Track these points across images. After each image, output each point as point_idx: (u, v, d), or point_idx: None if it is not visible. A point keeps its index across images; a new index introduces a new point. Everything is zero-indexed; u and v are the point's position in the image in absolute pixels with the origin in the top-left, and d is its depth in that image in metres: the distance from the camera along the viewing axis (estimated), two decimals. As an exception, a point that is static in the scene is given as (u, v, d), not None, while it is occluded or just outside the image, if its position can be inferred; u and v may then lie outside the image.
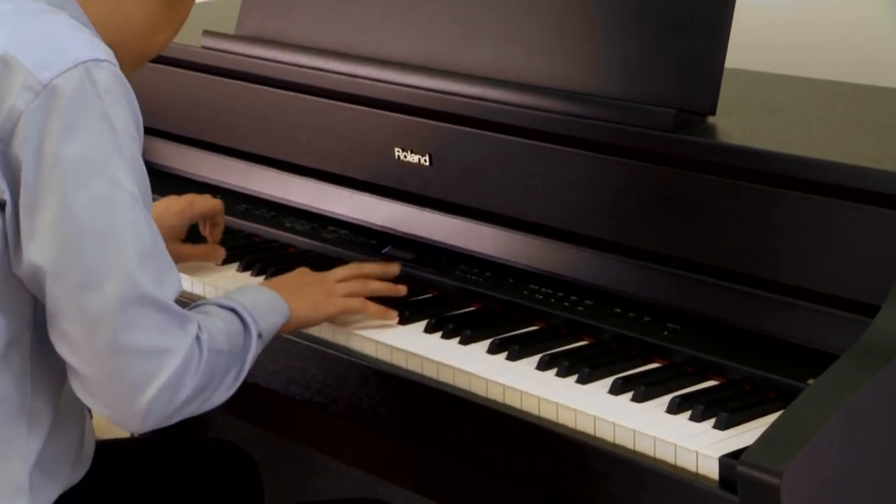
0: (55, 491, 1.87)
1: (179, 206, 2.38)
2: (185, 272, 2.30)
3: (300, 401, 2.21)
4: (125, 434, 3.72)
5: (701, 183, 1.99)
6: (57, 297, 1.73)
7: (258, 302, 1.95)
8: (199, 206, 2.39)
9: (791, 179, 1.89)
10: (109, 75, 1.75)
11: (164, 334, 1.75)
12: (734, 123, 2.04)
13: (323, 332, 2.17)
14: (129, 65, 1.91)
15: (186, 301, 1.95)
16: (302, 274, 2.14)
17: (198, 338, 1.79)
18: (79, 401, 1.85)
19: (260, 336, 1.93)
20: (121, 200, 1.73)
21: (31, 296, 1.79)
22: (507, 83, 2.21)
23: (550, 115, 2.14)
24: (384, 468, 2.67)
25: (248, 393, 2.31)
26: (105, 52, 1.77)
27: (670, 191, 2.02)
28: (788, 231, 1.91)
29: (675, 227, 2.03)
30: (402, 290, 2.18)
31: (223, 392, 1.87)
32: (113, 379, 1.74)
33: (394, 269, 2.23)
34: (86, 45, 1.75)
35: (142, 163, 1.79)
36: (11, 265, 1.76)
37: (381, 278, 2.19)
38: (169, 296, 1.77)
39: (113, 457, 2.20)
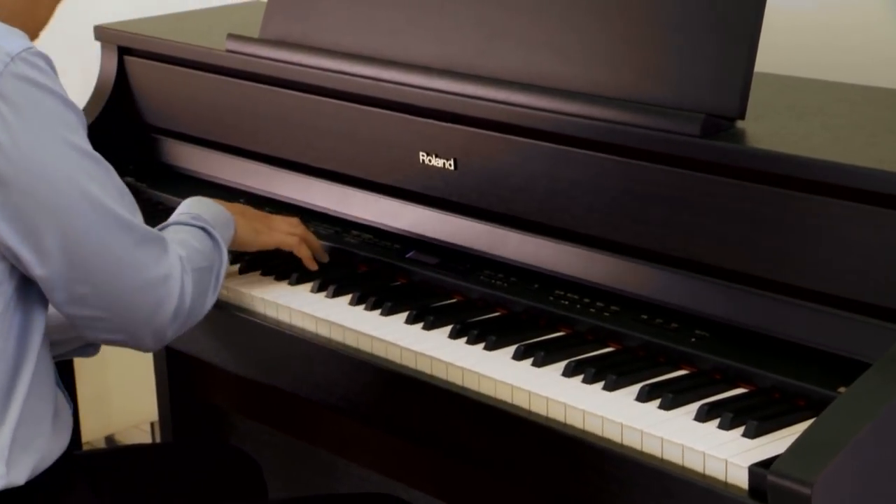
0: (31, 461, 1.88)
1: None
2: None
3: (323, 406, 2.18)
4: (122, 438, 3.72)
5: (730, 188, 1.95)
6: (67, 261, 1.82)
7: (217, 217, 2.13)
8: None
9: (822, 185, 1.85)
10: (37, 57, 1.81)
11: (160, 262, 1.90)
12: (763, 128, 2.00)
13: (347, 337, 2.13)
14: None
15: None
16: (246, 206, 2.33)
17: (180, 257, 1.94)
18: (49, 370, 1.91)
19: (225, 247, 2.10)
20: (90, 164, 1.84)
21: (8, 266, 1.84)
22: (532, 87, 2.18)
23: (577, 120, 2.10)
24: (406, 473, 2.64)
25: (271, 397, 2.29)
26: (23, 37, 1.82)
27: (698, 196, 1.98)
28: (819, 237, 1.87)
29: (703, 232, 1.99)
30: (324, 257, 2.35)
31: (210, 300, 2.02)
32: (131, 314, 1.88)
33: (324, 257, 2.35)
34: (10, 37, 1.80)
35: (82, 114, 1.87)
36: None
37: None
38: (141, 221, 1.90)
39: (118, 462, 2.23)
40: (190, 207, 2.13)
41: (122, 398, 2.07)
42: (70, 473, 1.95)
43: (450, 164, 2.28)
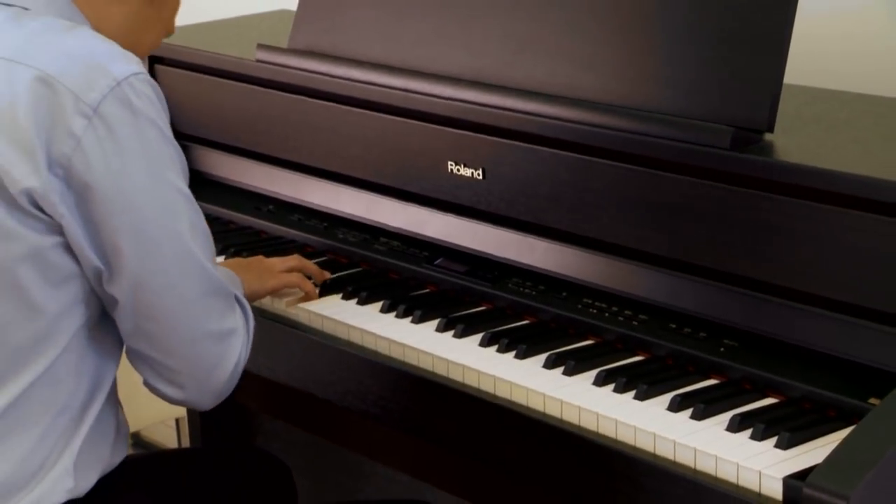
0: (96, 474, 1.86)
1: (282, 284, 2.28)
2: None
3: (354, 412, 2.13)
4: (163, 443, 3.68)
5: (759, 201, 1.90)
6: (138, 300, 1.77)
7: (225, 276, 1.99)
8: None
9: (854, 199, 1.80)
10: (146, 85, 1.76)
11: (226, 317, 1.82)
12: (792, 141, 1.95)
13: (379, 344, 2.09)
14: None
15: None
16: (247, 258, 2.28)
17: (245, 316, 1.87)
18: (114, 387, 1.88)
19: None
20: (181, 204, 1.77)
21: (90, 291, 1.79)
22: (560, 98, 2.13)
23: (605, 131, 2.05)
24: (432, 474, 2.60)
25: (298, 398, 2.25)
26: (136, 62, 1.77)
27: (727, 208, 1.93)
28: (852, 250, 1.81)
29: (733, 244, 1.94)
30: (326, 275, 2.28)
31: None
32: (192, 364, 1.81)
33: (325, 275, 2.28)
34: (121, 60, 1.75)
35: (181, 152, 1.82)
36: (82, 269, 1.77)
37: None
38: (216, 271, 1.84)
39: (150, 467, 2.19)
40: None
41: (149, 396, 2.04)
42: (121, 480, 1.92)
43: (478, 174, 2.23)
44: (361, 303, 2.21)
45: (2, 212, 1.71)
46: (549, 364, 1.97)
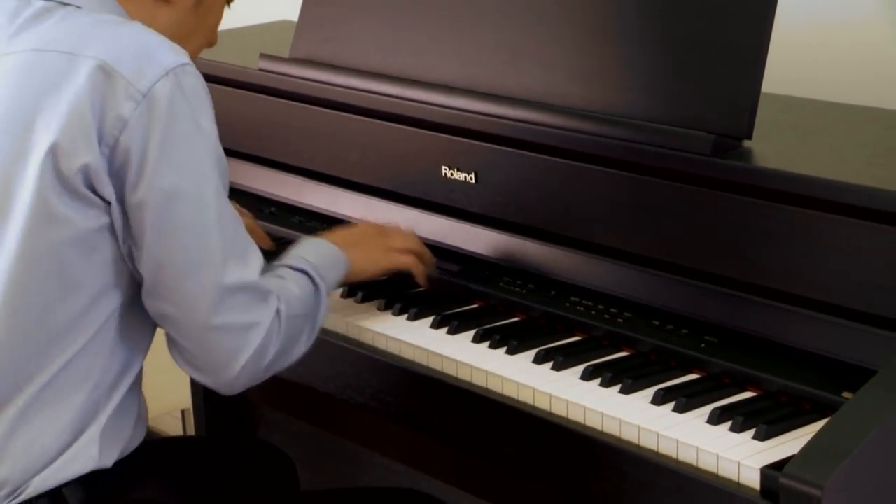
0: (117, 451, 1.90)
1: None
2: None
3: (353, 405, 2.16)
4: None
5: (738, 204, 1.93)
6: (158, 281, 1.80)
7: (324, 259, 2.01)
8: None
9: (828, 203, 1.83)
10: (193, 78, 1.81)
11: (250, 311, 1.82)
12: (770, 148, 1.98)
13: (377, 341, 2.12)
14: None
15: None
16: (360, 227, 2.20)
17: (277, 310, 1.85)
18: (139, 375, 1.92)
19: (327, 293, 1.98)
20: (211, 196, 1.80)
21: (128, 271, 1.83)
22: (550, 106, 2.15)
23: (592, 138, 2.08)
24: (427, 464, 2.62)
25: (298, 391, 2.27)
26: (185, 55, 1.82)
27: (708, 211, 1.96)
28: (825, 251, 1.84)
29: (712, 244, 1.96)
30: (434, 270, 2.22)
31: (301, 349, 1.93)
32: (206, 351, 1.83)
33: (433, 270, 2.24)
34: (170, 52, 1.80)
35: (221, 149, 1.85)
36: (121, 250, 1.82)
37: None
38: (255, 270, 1.84)
39: (157, 455, 2.19)
40: (300, 249, 2.02)
41: (156, 387, 2.06)
42: (134, 463, 1.96)
43: (471, 178, 2.26)
44: (359, 301, 2.23)
45: (55, 197, 1.76)
46: (539, 359, 1.99)
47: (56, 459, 1.84)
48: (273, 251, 2.24)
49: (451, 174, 2.28)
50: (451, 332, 2.10)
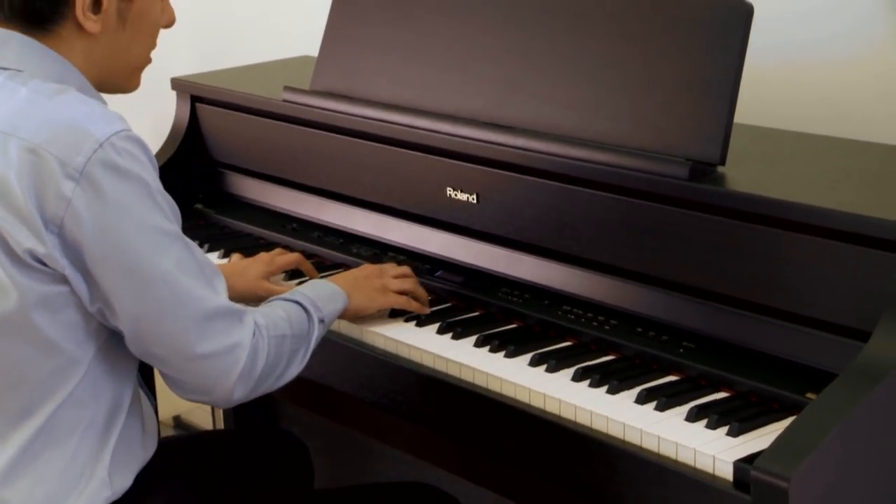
0: (131, 474, 1.83)
1: (257, 269, 2.25)
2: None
3: (367, 403, 2.15)
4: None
5: (712, 224, 1.92)
6: (139, 330, 1.72)
7: (319, 293, 1.96)
8: (281, 261, 2.29)
9: (794, 223, 1.82)
10: (128, 141, 1.67)
11: (230, 333, 1.75)
12: (742, 174, 1.97)
13: (388, 345, 2.11)
14: (126, 81, 1.86)
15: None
16: (362, 270, 2.15)
17: (256, 324, 1.79)
18: (135, 393, 1.84)
19: (322, 321, 1.93)
20: (167, 247, 1.70)
21: (99, 325, 1.75)
22: (544, 135, 2.15)
23: (582, 164, 2.07)
24: (433, 455, 2.61)
25: (316, 388, 2.26)
26: (117, 120, 1.69)
27: (686, 230, 1.96)
28: (791, 267, 1.84)
29: (690, 260, 1.96)
30: (427, 308, 2.17)
31: (295, 368, 1.87)
32: (198, 378, 1.76)
33: (426, 308, 2.18)
34: (101, 122, 1.67)
35: (164, 192, 1.73)
36: (89, 310, 1.72)
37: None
38: (223, 294, 1.77)
39: (180, 447, 2.18)
40: (301, 286, 1.98)
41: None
42: (158, 462, 1.91)
43: (472, 199, 2.25)
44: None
45: (11, 268, 1.66)
46: (534, 362, 1.98)
47: (67, 501, 1.75)
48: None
49: (455, 195, 2.28)
50: (455, 337, 2.09)
